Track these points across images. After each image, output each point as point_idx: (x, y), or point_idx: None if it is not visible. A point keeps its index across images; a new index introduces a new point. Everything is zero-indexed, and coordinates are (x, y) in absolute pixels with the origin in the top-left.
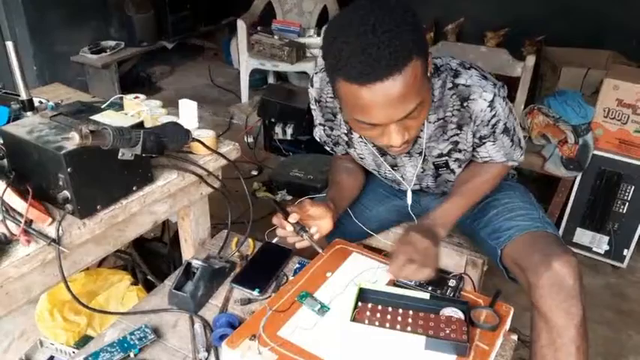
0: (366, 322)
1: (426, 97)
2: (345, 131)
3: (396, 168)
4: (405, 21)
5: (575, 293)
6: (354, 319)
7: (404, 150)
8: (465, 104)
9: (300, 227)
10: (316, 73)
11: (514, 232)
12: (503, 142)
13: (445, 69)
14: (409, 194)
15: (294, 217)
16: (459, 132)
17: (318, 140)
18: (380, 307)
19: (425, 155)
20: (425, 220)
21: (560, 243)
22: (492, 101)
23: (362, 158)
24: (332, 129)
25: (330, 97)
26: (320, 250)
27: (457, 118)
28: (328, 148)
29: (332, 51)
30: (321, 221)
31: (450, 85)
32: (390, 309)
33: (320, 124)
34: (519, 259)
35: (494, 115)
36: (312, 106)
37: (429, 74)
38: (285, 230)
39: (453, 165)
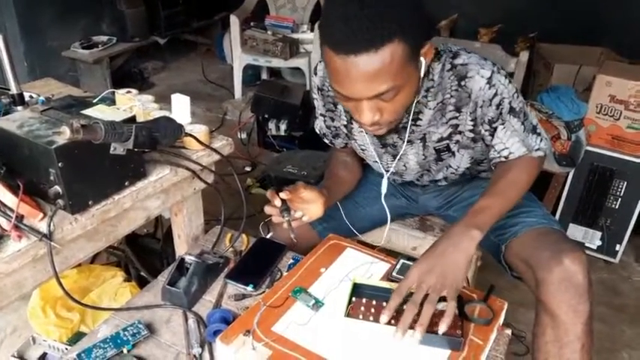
0: (361, 317)
1: (405, 84)
2: (345, 122)
3: (398, 158)
4: (401, 3)
5: (584, 291)
6: (348, 315)
7: (376, 131)
8: (462, 83)
9: (285, 208)
10: (320, 62)
11: (520, 228)
12: (513, 125)
13: (445, 51)
14: (384, 182)
15: (285, 194)
16: (457, 114)
17: (318, 132)
18: (374, 302)
19: (425, 141)
20: (454, 227)
21: (568, 240)
22: (490, 78)
23: (363, 150)
24: (332, 119)
25: None
26: (292, 237)
27: (455, 99)
28: (327, 141)
29: (323, 16)
30: (311, 205)
31: (448, 66)
32: (384, 304)
33: (321, 115)
34: (527, 256)
35: (495, 94)
36: (315, 95)
37: (424, 61)
38: (272, 207)
39: (454, 147)
